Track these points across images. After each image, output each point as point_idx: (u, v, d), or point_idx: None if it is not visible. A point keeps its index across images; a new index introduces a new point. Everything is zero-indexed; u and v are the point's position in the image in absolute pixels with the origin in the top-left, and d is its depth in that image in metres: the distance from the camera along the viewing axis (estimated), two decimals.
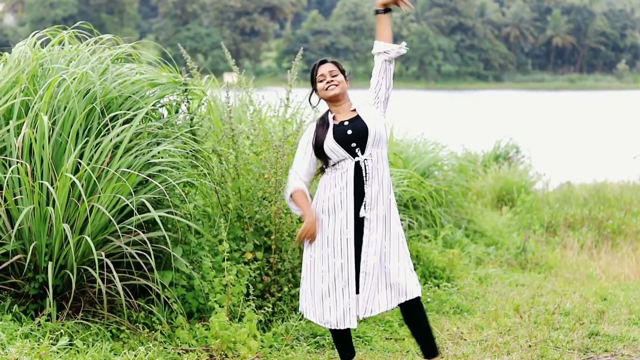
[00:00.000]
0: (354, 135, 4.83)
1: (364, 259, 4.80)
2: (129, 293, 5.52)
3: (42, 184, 5.26)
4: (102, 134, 5.58)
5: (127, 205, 5.39)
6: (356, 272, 4.83)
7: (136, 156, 5.58)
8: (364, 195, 4.82)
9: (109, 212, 5.29)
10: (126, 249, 5.38)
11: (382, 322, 6.41)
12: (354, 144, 4.82)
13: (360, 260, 4.81)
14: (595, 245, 11.54)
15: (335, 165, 4.88)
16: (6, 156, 5.42)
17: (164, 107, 6.46)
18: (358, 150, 4.83)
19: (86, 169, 5.25)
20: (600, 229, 12.08)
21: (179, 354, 5.32)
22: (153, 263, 5.29)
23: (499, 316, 6.72)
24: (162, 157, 5.76)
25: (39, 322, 5.14)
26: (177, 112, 6.46)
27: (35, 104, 5.51)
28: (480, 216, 11.40)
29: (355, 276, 4.82)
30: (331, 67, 4.99)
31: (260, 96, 7.43)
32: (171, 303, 5.62)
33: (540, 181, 15.70)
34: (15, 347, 4.61)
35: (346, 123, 4.88)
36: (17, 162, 5.28)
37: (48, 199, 5.30)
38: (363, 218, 4.81)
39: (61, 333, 5.06)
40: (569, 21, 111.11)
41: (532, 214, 12.22)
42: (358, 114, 4.91)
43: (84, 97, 5.62)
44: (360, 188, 4.82)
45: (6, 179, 5.27)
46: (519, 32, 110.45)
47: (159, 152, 5.73)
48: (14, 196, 5.31)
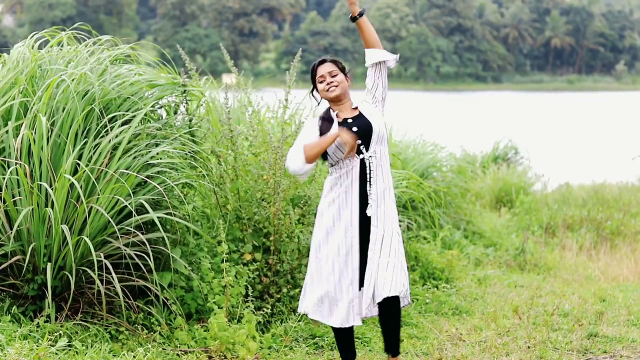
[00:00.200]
0: (359, 132, 4.82)
1: (371, 256, 4.80)
2: (128, 294, 5.52)
3: (40, 185, 5.26)
4: (100, 135, 5.58)
5: (125, 206, 5.39)
6: (360, 270, 4.83)
7: (135, 157, 5.58)
8: (369, 193, 4.81)
9: (107, 213, 5.29)
10: (125, 250, 5.38)
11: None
12: (359, 141, 4.82)
13: (366, 257, 4.82)
14: (594, 247, 11.54)
15: (338, 164, 4.88)
16: (5, 157, 5.42)
17: (162, 108, 6.46)
18: (363, 148, 4.83)
19: (85, 170, 5.25)
20: (599, 230, 12.08)
21: (177, 355, 5.32)
22: (152, 264, 5.28)
23: (498, 317, 6.72)
24: (160, 158, 5.76)
25: (37, 323, 5.14)
26: (175, 113, 6.46)
27: (34, 105, 5.51)
28: (479, 217, 11.40)
29: (359, 273, 4.83)
30: (330, 67, 4.98)
31: (259, 97, 7.43)
32: (170, 304, 5.62)
33: (539, 182, 15.73)
34: (14, 348, 4.60)
35: (350, 120, 4.88)
36: (16, 163, 5.28)
37: (47, 200, 5.29)
38: (368, 216, 4.81)
39: (60, 334, 5.06)
40: (568, 22, 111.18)
41: (531, 215, 12.22)
42: (360, 111, 4.91)
43: (82, 98, 5.62)
44: (364, 186, 4.82)
45: (5, 180, 5.26)
46: (517, 33, 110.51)
47: (157, 153, 5.73)
48: (13, 197, 5.31)
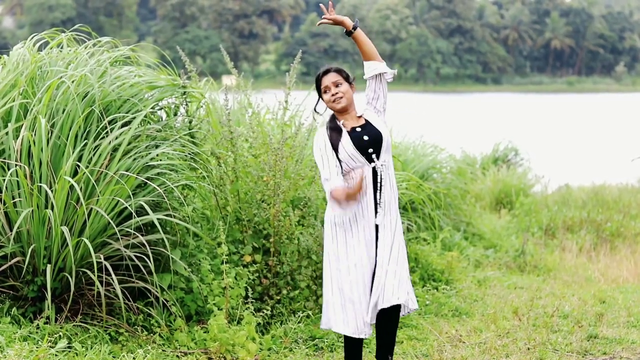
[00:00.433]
0: (370, 141, 4.78)
1: (380, 263, 4.78)
2: (128, 296, 5.52)
3: (40, 186, 5.26)
4: (100, 136, 5.58)
5: (125, 208, 5.39)
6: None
7: (135, 159, 5.58)
8: (378, 202, 4.79)
9: (107, 214, 5.29)
10: (125, 251, 5.38)
11: None
12: (370, 150, 4.78)
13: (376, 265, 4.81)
14: (593, 248, 11.54)
15: (349, 173, 4.80)
16: (5, 159, 5.42)
17: (162, 110, 6.46)
18: (374, 156, 4.80)
19: (85, 172, 5.25)
20: (599, 231, 12.08)
21: (177, 356, 5.32)
22: (152, 266, 5.28)
23: (498, 319, 6.72)
24: (160, 160, 5.76)
25: (37, 324, 5.14)
26: (175, 114, 6.46)
27: (33, 106, 5.52)
28: (479, 219, 11.40)
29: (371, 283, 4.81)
30: (334, 77, 4.92)
31: (259, 99, 7.44)
32: (170, 306, 5.62)
33: (539, 184, 15.71)
34: (13, 349, 4.61)
35: (358, 129, 4.83)
36: (16, 165, 5.28)
37: (47, 201, 5.29)
38: (377, 224, 4.80)
39: (60, 336, 5.06)
40: (568, 24, 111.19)
41: (531, 217, 12.22)
42: (367, 119, 4.87)
43: (82, 100, 5.62)
44: (374, 194, 4.80)
45: (5, 181, 5.27)
46: (517, 34, 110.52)
47: (157, 155, 5.73)
48: (13, 199, 5.31)
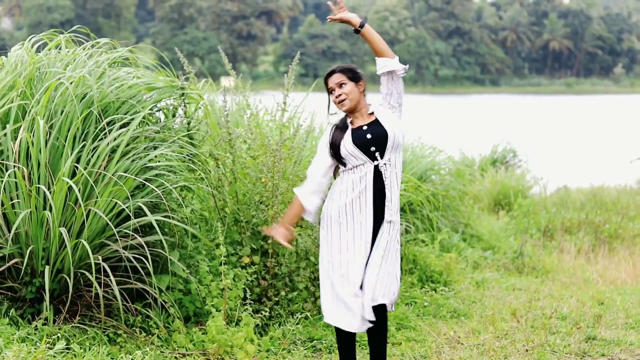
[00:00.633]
0: (373, 139, 4.77)
1: (374, 262, 4.78)
2: (126, 297, 5.52)
3: (39, 187, 5.25)
4: (99, 138, 5.58)
5: (124, 209, 5.39)
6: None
7: (133, 160, 5.58)
8: (384, 200, 4.79)
9: (105, 216, 5.29)
10: (123, 253, 5.38)
11: None
12: (373, 148, 4.77)
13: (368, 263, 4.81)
14: (592, 250, 11.54)
15: (353, 169, 4.83)
16: (3, 160, 5.42)
17: (161, 111, 6.46)
18: (378, 154, 4.79)
19: (83, 173, 5.25)
20: (597, 233, 12.08)
21: (175, 358, 5.32)
22: (150, 267, 5.28)
23: (496, 320, 6.72)
24: (159, 161, 5.76)
25: (35, 326, 5.14)
26: (174, 116, 6.46)
27: (32, 107, 5.51)
28: (477, 220, 11.40)
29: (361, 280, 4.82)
30: (337, 78, 4.88)
31: (257, 100, 7.44)
32: (168, 307, 5.62)
33: (538, 185, 15.70)
34: (12, 351, 4.60)
35: (365, 127, 4.82)
36: (14, 166, 5.28)
37: (45, 203, 5.29)
38: (379, 223, 4.79)
39: (58, 337, 5.06)
40: (566, 25, 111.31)
41: (529, 218, 12.22)
42: (376, 117, 4.85)
43: (81, 101, 5.62)
44: (379, 192, 4.80)
45: (3, 182, 5.26)
46: (515, 36, 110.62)
47: (156, 156, 5.73)
48: (11, 200, 5.31)
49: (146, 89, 6.17)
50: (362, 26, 4.83)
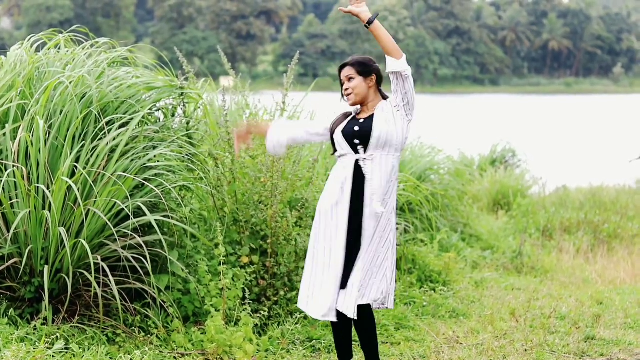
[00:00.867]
0: (359, 133, 4.80)
1: (361, 257, 4.77)
2: (125, 297, 5.52)
3: (38, 187, 5.25)
4: (98, 137, 5.58)
5: (123, 209, 5.39)
6: (345, 268, 4.81)
7: (132, 160, 5.58)
8: (363, 195, 4.80)
9: (105, 215, 5.29)
10: (122, 252, 5.38)
11: (377, 326, 6.40)
12: (357, 141, 4.81)
13: (354, 256, 4.80)
14: (591, 249, 11.54)
15: (340, 157, 4.90)
16: (2, 159, 5.42)
17: (160, 111, 6.46)
18: (360, 148, 4.81)
19: (82, 173, 5.25)
20: (597, 233, 12.08)
21: (174, 357, 5.31)
22: (149, 267, 5.28)
23: (495, 320, 6.72)
24: (158, 161, 5.76)
25: (34, 325, 5.14)
26: (173, 115, 6.46)
27: (31, 107, 5.51)
28: (476, 220, 11.40)
29: (342, 271, 4.81)
30: (348, 71, 4.91)
31: (257, 100, 7.44)
32: (167, 307, 5.62)
33: (537, 185, 15.70)
34: (11, 351, 4.60)
35: (361, 120, 4.86)
36: (13, 166, 5.28)
37: (44, 202, 5.29)
38: (361, 216, 4.79)
39: (57, 337, 5.06)
40: (566, 25, 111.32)
41: (528, 218, 12.22)
42: (374, 113, 4.86)
43: (80, 101, 5.62)
44: (358, 186, 4.79)
45: (2, 182, 5.26)
46: (515, 36, 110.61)
47: (155, 156, 5.73)
48: (10, 200, 5.31)
49: (145, 88, 6.17)
50: (370, 22, 4.80)
